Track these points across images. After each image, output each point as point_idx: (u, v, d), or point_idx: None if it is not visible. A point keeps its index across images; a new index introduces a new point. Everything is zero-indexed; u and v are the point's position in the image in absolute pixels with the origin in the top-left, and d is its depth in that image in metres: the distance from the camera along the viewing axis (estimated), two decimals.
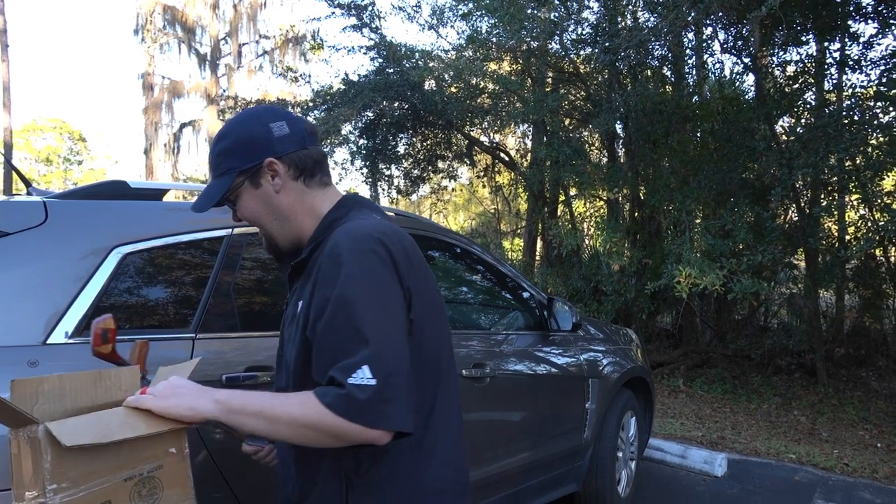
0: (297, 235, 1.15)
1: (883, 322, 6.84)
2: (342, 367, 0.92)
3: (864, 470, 4.07)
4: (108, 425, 0.91)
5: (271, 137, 1.10)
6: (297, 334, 1.06)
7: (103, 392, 1.03)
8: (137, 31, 16.13)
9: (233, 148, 1.11)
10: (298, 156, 1.12)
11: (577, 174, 6.95)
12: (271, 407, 0.95)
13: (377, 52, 7.74)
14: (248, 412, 0.96)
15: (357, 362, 0.91)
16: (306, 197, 1.14)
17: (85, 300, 1.42)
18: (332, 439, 0.93)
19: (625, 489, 3.26)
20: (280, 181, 1.11)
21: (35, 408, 0.93)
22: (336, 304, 0.95)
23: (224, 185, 1.11)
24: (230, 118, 1.17)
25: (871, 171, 5.68)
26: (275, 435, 0.96)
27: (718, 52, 7.04)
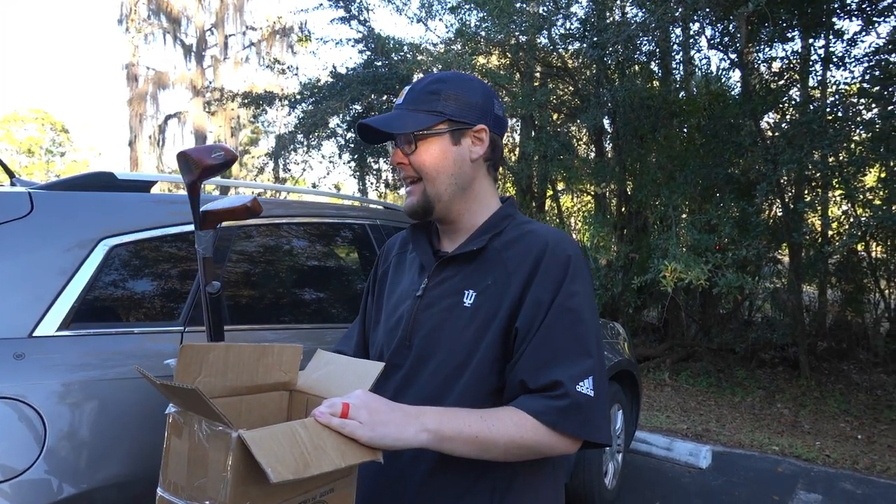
0: (460, 209, 1.08)
1: (864, 316, 6.95)
2: (571, 374, 0.90)
3: (846, 461, 4.15)
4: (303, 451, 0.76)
5: (491, 110, 1.07)
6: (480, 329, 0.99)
7: (263, 371, 0.98)
8: (122, 20, 15.90)
9: (452, 95, 1.05)
10: (499, 140, 1.11)
11: (565, 169, 6.97)
12: (488, 431, 0.88)
13: (365, 45, 7.69)
14: (463, 439, 0.87)
15: (584, 372, 0.91)
16: (484, 181, 1.10)
17: (72, 293, 1.41)
18: (537, 454, 0.92)
19: (612, 481, 3.29)
20: (479, 151, 1.07)
21: (198, 380, 0.89)
22: (567, 309, 0.95)
23: (428, 120, 1.03)
24: (451, 72, 1.10)
25: (853, 167, 5.76)
26: (480, 457, 0.90)
27: (705, 48, 7.08)
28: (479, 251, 1.03)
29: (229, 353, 0.92)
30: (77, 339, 1.41)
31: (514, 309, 0.97)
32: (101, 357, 1.44)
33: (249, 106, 8.76)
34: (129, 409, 1.43)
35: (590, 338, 0.95)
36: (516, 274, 0.99)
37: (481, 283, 1.01)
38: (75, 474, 1.31)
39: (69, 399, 1.34)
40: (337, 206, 2.53)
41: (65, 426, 1.31)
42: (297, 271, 2.16)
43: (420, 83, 1.06)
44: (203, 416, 0.80)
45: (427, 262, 1.10)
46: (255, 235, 1.99)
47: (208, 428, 0.79)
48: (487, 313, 0.99)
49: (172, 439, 0.85)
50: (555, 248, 0.99)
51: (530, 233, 1.03)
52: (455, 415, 0.89)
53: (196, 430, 0.81)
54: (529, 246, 1.01)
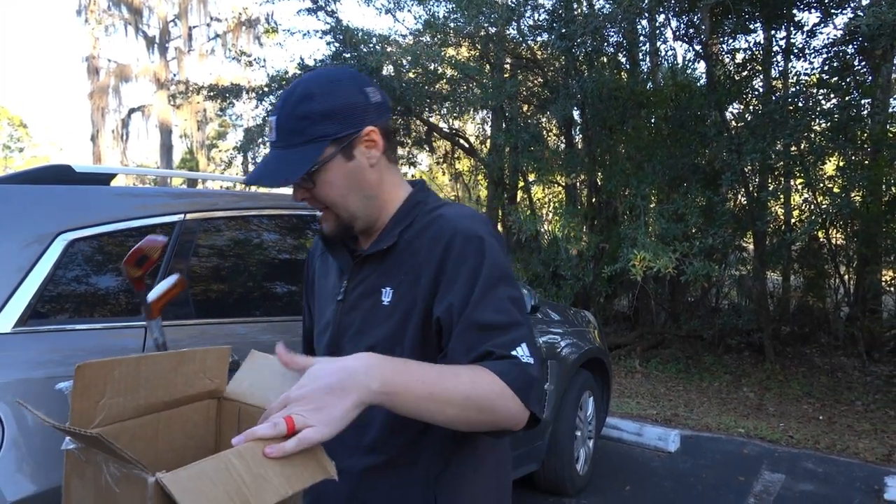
0: (377, 215, 1.03)
1: (825, 301, 7.17)
2: (501, 343, 0.87)
3: (808, 441, 4.28)
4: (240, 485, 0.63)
5: (369, 103, 0.97)
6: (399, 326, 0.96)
7: (184, 380, 0.85)
8: (80, 11, 15.41)
9: (325, 111, 0.93)
10: (388, 126, 1.01)
11: (536, 160, 7.02)
12: (443, 387, 0.81)
13: (333, 37, 7.60)
14: (415, 395, 0.79)
15: (516, 339, 0.88)
16: (389, 173, 1.03)
17: (28, 288, 1.37)
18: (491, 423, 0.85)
19: (583, 467, 3.35)
20: (376, 154, 0.99)
21: (102, 403, 0.75)
22: (487, 287, 0.91)
23: (314, 155, 0.93)
24: (310, 76, 0.97)
25: (814, 156, 5.93)
26: (433, 418, 0.82)
27: (671, 40, 7.19)
28: (391, 247, 1.00)
29: (140, 365, 0.80)
30: (35, 335, 1.37)
31: (429, 299, 0.94)
32: (61, 354, 1.41)
33: (216, 99, 8.60)
34: None
35: (515, 305, 0.92)
36: (427, 264, 0.95)
37: (396, 278, 0.98)
38: (35, 473, 1.28)
39: (28, 397, 1.30)
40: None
41: (24, 425, 1.28)
42: (268, 263, 2.13)
43: (286, 107, 0.94)
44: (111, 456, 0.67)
45: (344, 264, 1.06)
46: (224, 229, 1.95)
47: (118, 470, 0.67)
48: (405, 309, 0.96)
49: (73, 481, 0.73)
50: (464, 231, 0.95)
51: (439, 218, 0.99)
52: (407, 366, 0.81)
53: (104, 471, 0.68)
54: (439, 233, 0.97)
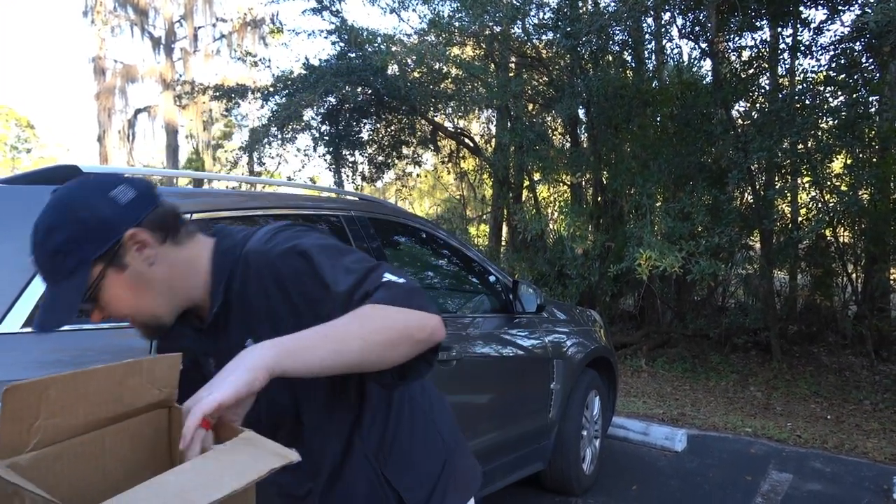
0: (188, 298, 0.99)
1: (833, 300, 7.13)
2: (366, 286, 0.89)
3: (815, 441, 4.26)
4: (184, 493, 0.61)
5: (119, 207, 0.90)
6: None
7: (130, 393, 0.80)
8: (87, 12, 15.48)
9: (74, 237, 0.88)
10: (157, 214, 0.94)
11: (541, 159, 7.00)
12: (337, 330, 0.82)
13: (338, 36, 7.61)
14: (315, 345, 0.80)
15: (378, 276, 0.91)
16: (182, 253, 0.97)
17: (36, 288, 1.37)
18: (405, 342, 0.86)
19: (589, 466, 3.34)
20: (151, 251, 0.93)
21: (35, 426, 0.70)
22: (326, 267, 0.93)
23: (80, 285, 0.88)
24: (46, 208, 0.91)
25: (821, 154, 5.89)
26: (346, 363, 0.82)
27: (677, 38, 7.15)
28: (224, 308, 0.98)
29: (78, 381, 0.74)
30: (43, 335, 1.37)
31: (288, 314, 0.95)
32: (69, 354, 1.41)
33: (221, 99, 8.62)
34: None
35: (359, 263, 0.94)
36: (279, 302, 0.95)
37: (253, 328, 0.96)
38: None
39: None
40: (312, 198, 2.51)
41: None
42: None
43: (36, 249, 0.90)
44: None
45: (198, 346, 1.02)
46: None
47: None
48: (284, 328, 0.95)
49: None
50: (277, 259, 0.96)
51: (244, 259, 0.98)
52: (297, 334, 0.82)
53: None
54: (258, 274, 0.96)
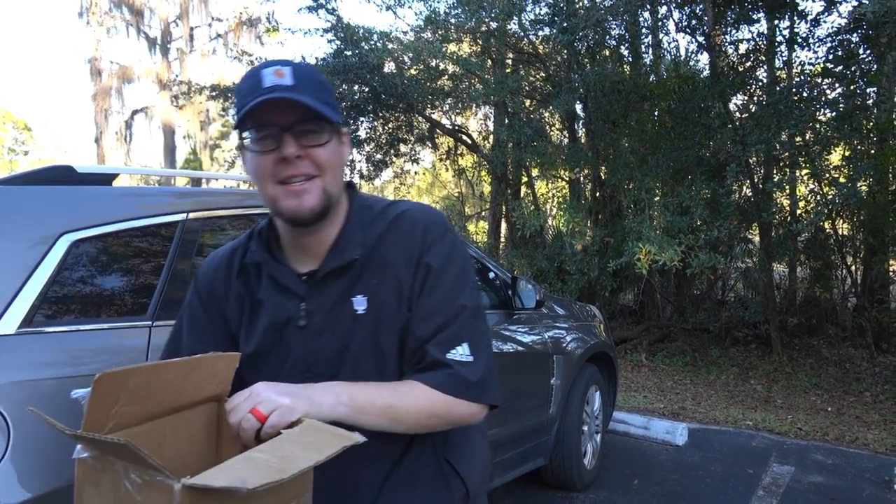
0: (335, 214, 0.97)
1: (832, 292, 7.13)
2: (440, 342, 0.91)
3: (816, 433, 4.26)
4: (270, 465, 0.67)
5: None
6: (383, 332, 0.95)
7: (193, 387, 0.85)
8: (82, 13, 15.44)
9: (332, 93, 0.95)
10: None
11: (539, 155, 6.99)
12: (400, 401, 0.88)
13: (334, 35, 7.59)
14: (376, 410, 0.86)
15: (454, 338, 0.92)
16: None
17: (32, 289, 1.37)
18: (448, 422, 0.93)
19: (590, 461, 3.34)
20: (347, 154, 1.00)
21: (113, 411, 0.75)
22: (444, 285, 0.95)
23: (336, 116, 0.92)
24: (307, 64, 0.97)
25: (819, 146, 5.88)
26: (392, 429, 0.89)
27: (673, 32, 7.14)
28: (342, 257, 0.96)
29: (155, 373, 0.80)
30: (40, 336, 1.37)
31: (410, 301, 0.94)
32: (67, 354, 1.41)
33: (218, 98, 8.61)
34: None
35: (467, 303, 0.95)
36: (402, 265, 0.94)
37: (368, 286, 0.95)
38: (42, 475, 1.28)
39: (33, 398, 1.30)
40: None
41: (29, 427, 1.28)
42: None
43: (304, 68, 0.90)
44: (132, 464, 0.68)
45: (293, 284, 0.97)
46: (228, 227, 1.95)
47: (139, 477, 0.67)
48: (387, 314, 0.94)
49: (87, 489, 0.73)
50: (432, 227, 0.97)
51: (400, 217, 0.98)
52: (366, 387, 0.88)
53: (122, 479, 0.68)
54: (406, 233, 0.96)
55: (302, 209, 0.90)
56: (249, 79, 0.89)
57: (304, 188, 0.90)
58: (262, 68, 0.88)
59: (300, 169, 0.89)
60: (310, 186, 0.90)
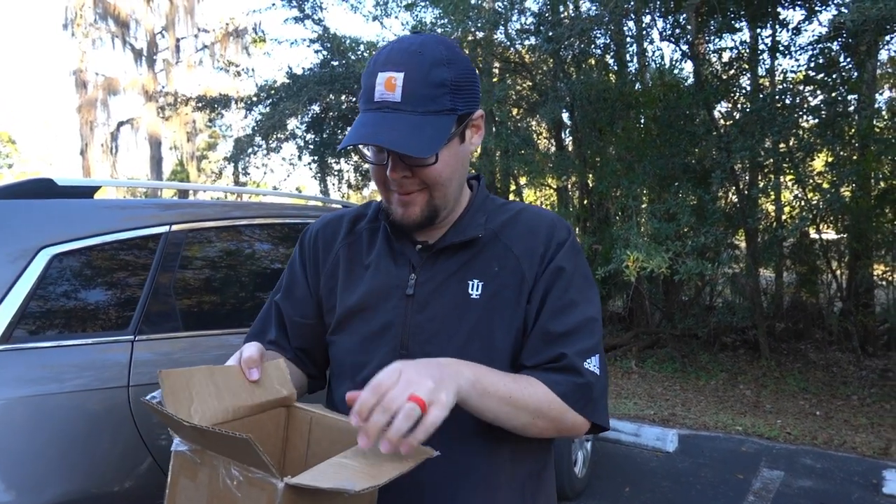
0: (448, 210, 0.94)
1: (818, 296, 7.19)
2: (578, 350, 0.88)
3: (805, 437, 4.28)
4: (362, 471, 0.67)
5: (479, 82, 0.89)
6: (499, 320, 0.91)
7: (261, 389, 0.86)
8: (67, 25, 15.35)
9: (458, 83, 0.85)
10: None
11: (526, 163, 7.01)
12: (521, 393, 0.83)
13: (321, 45, 7.60)
14: (498, 396, 0.81)
15: (591, 349, 0.89)
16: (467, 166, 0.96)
17: (11, 304, 1.34)
18: (555, 430, 0.88)
19: (581, 469, 3.33)
20: (478, 141, 0.93)
21: (193, 407, 0.77)
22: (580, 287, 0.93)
23: (447, 128, 0.84)
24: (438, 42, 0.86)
25: (802, 152, 5.95)
26: (506, 423, 0.84)
27: (657, 41, 7.20)
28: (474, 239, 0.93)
29: (214, 374, 0.81)
30: (20, 352, 1.34)
31: (531, 293, 0.92)
32: (47, 370, 1.38)
33: (204, 109, 8.58)
34: (79, 423, 1.37)
35: (597, 317, 0.94)
36: (527, 256, 0.92)
37: (486, 270, 0.92)
38: (24, 493, 1.25)
39: (14, 415, 1.28)
40: (298, 207, 2.49)
41: (11, 444, 1.25)
42: (258, 273, 2.11)
43: (419, 68, 0.82)
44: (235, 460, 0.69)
45: (410, 252, 0.94)
46: (213, 239, 1.93)
47: (240, 474, 0.68)
48: (504, 302, 0.91)
49: (182, 482, 0.74)
50: (559, 227, 0.95)
51: (524, 212, 0.97)
52: (491, 372, 0.83)
53: (221, 474, 0.70)
54: (532, 226, 0.95)
55: (407, 219, 0.91)
56: (369, 76, 0.85)
57: (411, 199, 0.89)
58: (380, 69, 0.84)
59: (405, 187, 0.88)
60: (416, 198, 0.89)
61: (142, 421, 1.46)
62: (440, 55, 0.84)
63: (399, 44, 0.85)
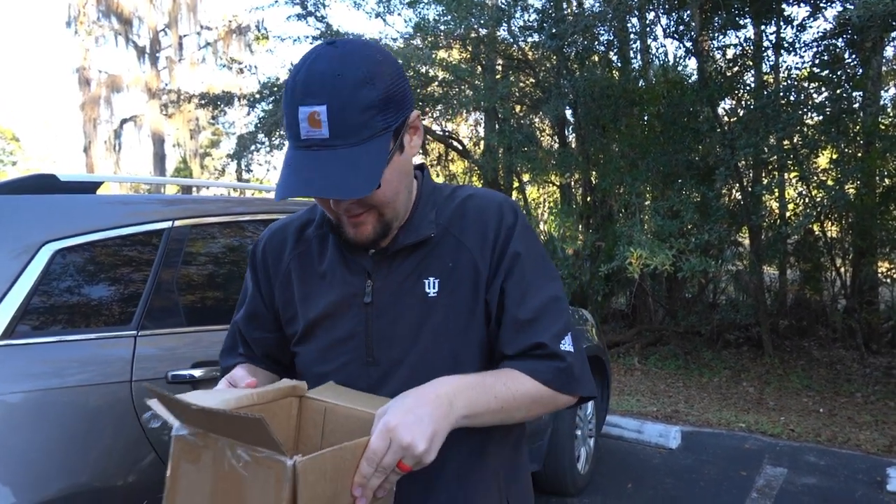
0: (404, 208, 0.92)
1: (822, 294, 7.17)
2: (552, 335, 0.89)
3: (809, 434, 4.27)
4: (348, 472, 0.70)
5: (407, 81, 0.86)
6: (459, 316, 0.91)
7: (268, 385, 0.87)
8: (70, 23, 15.38)
9: (386, 97, 0.79)
10: None
11: (530, 160, 7.01)
12: (511, 397, 0.85)
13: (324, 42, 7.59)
14: (491, 410, 0.83)
15: (562, 330, 0.90)
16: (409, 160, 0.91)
17: (14, 300, 1.35)
18: (549, 410, 0.92)
19: (584, 466, 3.33)
20: (418, 141, 0.88)
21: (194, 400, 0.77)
22: (539, 269, 0.93)
23: (383, 152, 0.80)
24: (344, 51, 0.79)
25: (807, 149, 5.92)
26: (503, 423, 0.87)
27: (661, 37, 7.19)
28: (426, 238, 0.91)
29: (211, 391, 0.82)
30: (22, 347, 1.35)
31: (488, 284, 0.91)
32: (50, 365, 1.39)
33: (207, 107, 8.58)
34: (81, 418, 1.37)
35: (560, 294, 0.94)
36: (478, 247, 0.91)
37: (440, 267, 0.91)
38: (27, 488, 1.25)
39: (16, 410, 1.28)
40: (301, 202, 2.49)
41: (13, 439, 1.25)
42: None
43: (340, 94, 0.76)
44: (241, 441, 0.68)
45: (363, 259, 0.92)
46: (216, 235, 1.93)
47: (246, 454, 0.67)
48: (462, 298, 0.91)
49: (184, 467, 0.73)
50: (506, 210, 0.94)
51: (470, 199, 0.95)
52: (481, 388, 0.83)
53: (227, 455, 0.69)
54: (480, 214, 0.93)
55: (360, 237, 0.89)
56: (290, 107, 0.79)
57: (361, 220, 0.86)
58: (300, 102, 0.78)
59: (352, 211, 0.85)
60: (366, 218, 0.87)
61: None
62: (361, 74, 0.78)
63: (315, 65, 0.78)
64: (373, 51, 0.82)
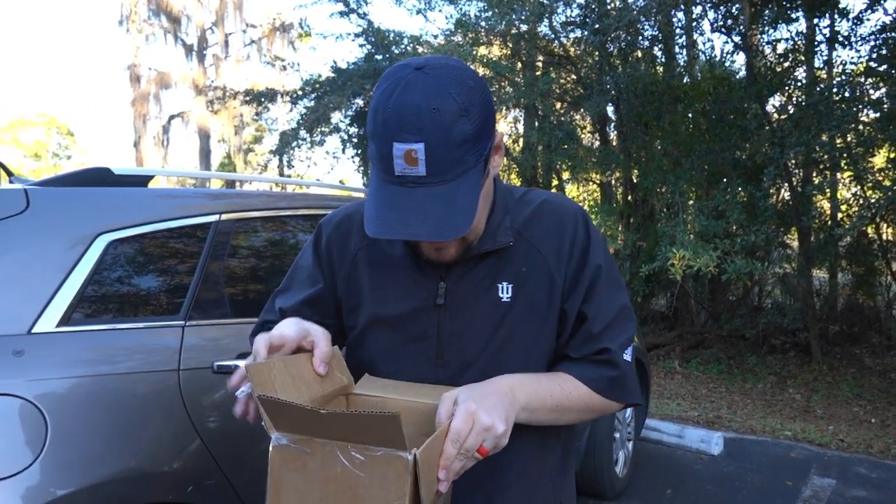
0: None
1: (876, 299, 6.88)
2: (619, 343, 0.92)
3: (859, 445, 4.11)
4: None
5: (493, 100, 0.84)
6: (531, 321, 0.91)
7: (328, 378, 0.88)
8: (122, 21, 15.91)
9: (480, 129, 0.77)
10: None
11: (570, 158, 6.92)
12: (566, 399, 0.88)
13: (365, 39, 7.66)
14: (546, 409, 0.87)
15: (628, 340, 0.93)
16: None
17: (70, 288, 1.40)
18: (599, 415, 0.97)
19: (622, 469, 3.27)
20: (499, 161, 0.87)
21: None
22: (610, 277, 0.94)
23: (477, 186, 0.79)
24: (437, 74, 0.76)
25: (862, 148, 5.68)
26: (555, 423, 0.91)
27: (708, 32, 6.99)
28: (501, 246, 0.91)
29: (287, 366, 0.82)
30: (77, 334, 1.40)
31: (563, 289, 0.92)
32: (102, 352, 1.43)
33: (251, 103, 8.76)
34: (131, 404, 1.42)
35: (628, 302, 0.96)
36: (553, 255, 0.91)
37: (513, 272, 0.91)
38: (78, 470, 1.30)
39: (70, 395, 1.33)
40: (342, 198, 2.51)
41: (66, 422, 1.30)
42: None
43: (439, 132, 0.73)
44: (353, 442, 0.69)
45: (433, 262, 0.91)
46: (260, 229, 1.97)
47: (361, 454, 0.68)
48: (534, 304, 0.91)
49: (288, 476, 0.73)
50: (580, 220, 0.94)
51: (545, 204, 0.95)
52: (537, 385, 0.87)
53: (338, 458, 0.69)
54: (556, 221, 0.93)
55: (441, 259, 0.89)
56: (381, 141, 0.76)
57: (444, 245, 0.87)
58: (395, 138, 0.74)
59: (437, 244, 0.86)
60: (450, 244, 0.87)
61: (191, 403, 1.50)
62: (457, 105, 0.74)
63: (406, 96, 0.74)
64: (465, 76, 0.78)
